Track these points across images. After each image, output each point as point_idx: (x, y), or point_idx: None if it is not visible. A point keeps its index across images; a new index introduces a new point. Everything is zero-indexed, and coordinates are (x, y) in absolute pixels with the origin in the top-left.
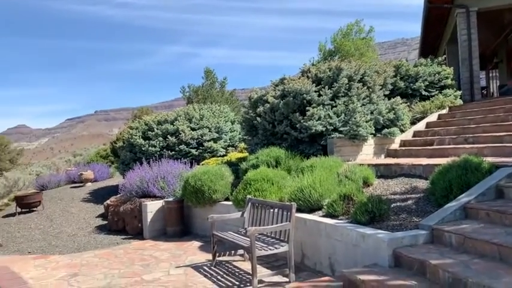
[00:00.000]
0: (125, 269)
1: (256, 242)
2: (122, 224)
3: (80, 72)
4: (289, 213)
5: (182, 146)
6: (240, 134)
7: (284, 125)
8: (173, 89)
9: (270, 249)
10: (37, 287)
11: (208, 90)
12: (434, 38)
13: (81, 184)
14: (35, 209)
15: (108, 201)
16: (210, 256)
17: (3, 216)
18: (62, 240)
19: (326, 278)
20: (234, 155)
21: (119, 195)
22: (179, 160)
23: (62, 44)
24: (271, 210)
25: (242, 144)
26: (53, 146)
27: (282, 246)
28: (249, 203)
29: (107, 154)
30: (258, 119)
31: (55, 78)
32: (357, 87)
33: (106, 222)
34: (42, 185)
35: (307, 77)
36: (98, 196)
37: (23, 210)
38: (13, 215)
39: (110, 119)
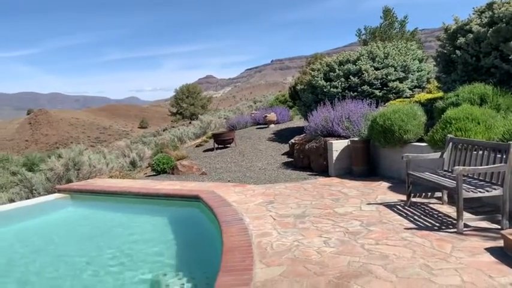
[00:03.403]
0: (316, 201)
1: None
2: (307, 161)
3: (256, 24)
4: (505, 154)
5: (365, 87)
6: (428, 73)
7: (492, 57)
8: (346, 35)
9: (480, 191)
10: (240, 209)
11: (386, 31)
12: None
13: (265, 125)
14: (228, 145)
15: (292, 140)
16: (401, 197)
17: (204, 151)
18: (254, 172)
19: None
20: (422, 96)
21: (302, 135)
22: (362, 101)
23: None
24: (480, 151)
25: (431, 85)
26: (234, 95)
27: (495, 189)
28: (450, 143)
29: (285, 99)
30: (458, 52)
31: (235, 31)
32: None
33: (291, 159)
34: (232, 126)
35: None
36: (281, 136)
37: (219, 146)
38: (211, 150)
39: (284, 67)
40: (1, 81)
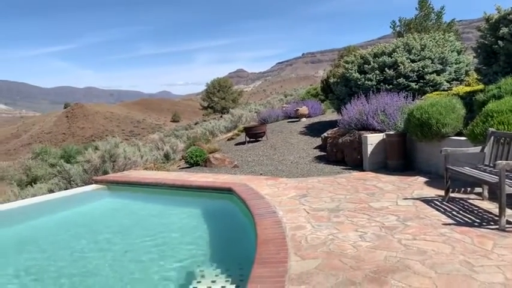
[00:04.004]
0: (350, 196)
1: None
2: (341, 155)
3: (287, 17)
4: None
5: (400, 79)
6: (467, 65)
7: None
8: (378, 27)
9: None
10: (273, 202)
11: (422, 23)
12: None
13: (296, 119)
14: (260, 139)
15: (325, 134)
16: (439, 192)
17: (235, 144)
18: (286, 166)
19: None
20: (461, 89)
21: (336, 128)
22: (398, 94)
23: None
24: None
25: (470, 78)
26: (265, 88)
27: None
28: (491, 137)
29: (316, 93)
30: (500, 42)
31: (266, 25)
32: None
33: (324, 153)
34: (263, 119)
35: None
36: (313, 130)
37: (250, 139)
38: (243, 143)
39: (315, 61)
40: (39, 76)
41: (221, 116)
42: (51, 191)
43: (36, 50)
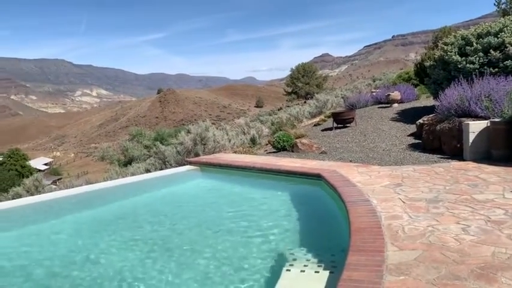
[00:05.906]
0: (450, 186)
1: None
2: (438, 143)
3: None
4: None
5: (508, 62)
6: None
7: None
8: (479, 5)
9: None
10: (365, 190)
11: None
12: None
13: (387, 105)
14: (348, 125)
15: (420, 120)
16: None
17: (322, 130)
18: (377, 153)
19: None
20: None
21: (432, 115)
22: (505, 78)
23: None
24: None
25: None
26: (351, 73)
27: None
28: None
29: (409, 77)
30: None
31: (353, 7)
32: None
33: (419, 141)
34: (351, 105)
35: None
36: (406, 116)
37: (338, 125)
38: (330, 129)
39: (406, 43)
40: (135, 64)
41: (305, 102)
42: (147, 170)
43: (132, 39)
